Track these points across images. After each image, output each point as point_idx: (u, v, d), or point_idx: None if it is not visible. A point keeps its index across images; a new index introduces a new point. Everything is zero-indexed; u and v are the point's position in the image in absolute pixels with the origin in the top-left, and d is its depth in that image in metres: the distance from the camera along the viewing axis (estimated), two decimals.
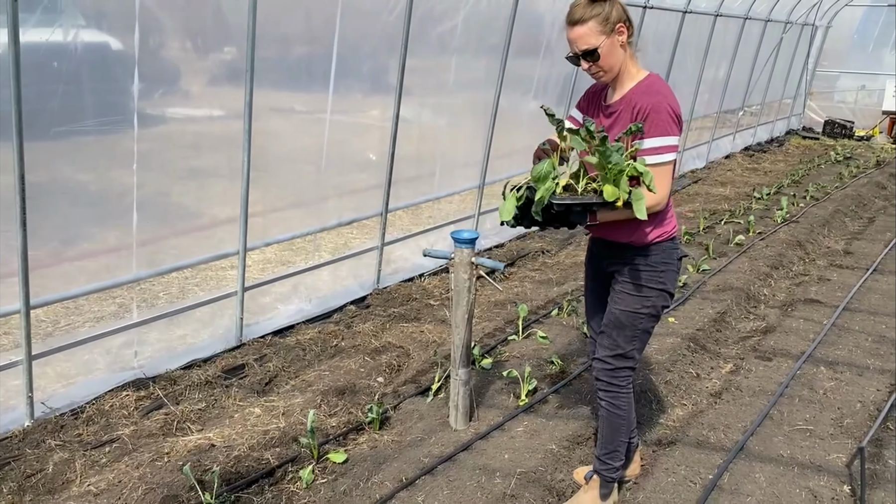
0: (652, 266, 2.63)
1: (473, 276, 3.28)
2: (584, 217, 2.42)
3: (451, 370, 3.40)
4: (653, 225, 2.59)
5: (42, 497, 2.94)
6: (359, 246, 5.54)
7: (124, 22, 3.49)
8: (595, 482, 2.89)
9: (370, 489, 2.95)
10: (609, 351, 2.72)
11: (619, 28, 2.48)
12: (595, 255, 2.87)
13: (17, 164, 2.96)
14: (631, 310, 2.65)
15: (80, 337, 3.64)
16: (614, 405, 2.77)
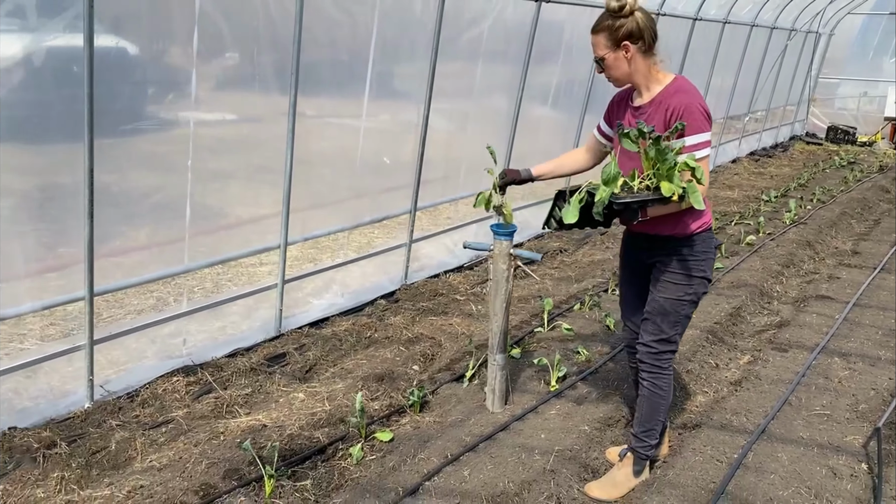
0: (694, 255, 2.82)
1: (511, 266, 3.47)
2: (636, 214, 2.62)
3: (489, 355, 3.58)
4: (693, 216, 2.78)
5: (108, 472, 3.12)
6: (381, 245, 5.72)
7: (139, 28, 3.64)
8: (629, 459, 3.07)
9: (417, 464, 3.14)
10: (654, 336, 2.91)
11: (623, 45, 2.70)
12: (634, 250, 3.04)
13: (87, 159, 3.15)
14: (675, 297, 2.83)
15: (137, 324, 3.82)
16: (657, 385, 2.96)
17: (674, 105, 2.68)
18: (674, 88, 2.75)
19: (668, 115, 2.69)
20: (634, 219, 2.64)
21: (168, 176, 4.17)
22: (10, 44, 3.17)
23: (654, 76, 2.79)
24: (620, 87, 2.95)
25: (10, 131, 3.13)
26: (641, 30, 2.70)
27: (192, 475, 2.98)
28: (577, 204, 2.67)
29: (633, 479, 3.07)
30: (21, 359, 3.47)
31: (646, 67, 2.77)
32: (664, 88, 2.77)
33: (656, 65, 2.80)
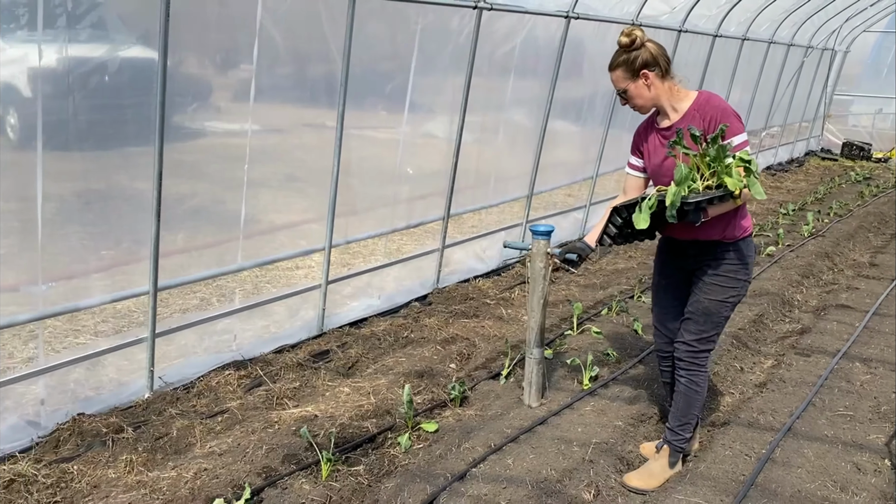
0: (739, 259, 3.01)
1: (549, 265, 3.66)
2: (699, 215, 2.76)
3: (527, 350, 3.78)
4: (738, 222, 2.99)
5: (171, 456, 3.32)
6: (409, 251, 5.92)
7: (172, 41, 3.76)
8: (665, 451, 3.25)
9: (462, 453, 3.32)
10: (695, 335, 3.09)
11: (642, 74, 2.92)
12: (676, 258, 3.19)
13: (157, 162, 3.37)
14: (720, 299, 3.02)
15: (193, 319, 4.04)
16: (694, 382, 3.14)
17: (710, 113, 2.89)
18: (704, 100, 2.96)
19: (706, 122, 2.88)
20: (698, 220, 2.77)
21: (199, 183, 4.34)
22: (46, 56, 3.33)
23: (677, 96, 3.00)
24: (646, 114, 3.14)
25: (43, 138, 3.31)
26: (655, 57, 2.93)
27: (252, 459, 3.17)
28: (648, 210, 2.78)
29: (669, 470, 3.24)
30: (81, 352, 3.69)
31: (667, 90, 2.98)
32: (693, 103, 2.97)
33: (676, 85, 3.01)
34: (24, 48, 3.27)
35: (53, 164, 3.54)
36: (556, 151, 6.56)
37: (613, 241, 3.05)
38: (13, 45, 3.27)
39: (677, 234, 3.10)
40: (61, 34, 3.28)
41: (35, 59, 3.29)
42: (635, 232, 2.96)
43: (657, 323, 3.37)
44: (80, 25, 3.37)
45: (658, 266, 3.34)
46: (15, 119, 3.58)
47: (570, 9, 5.72)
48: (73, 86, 3.42)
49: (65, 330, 4.42)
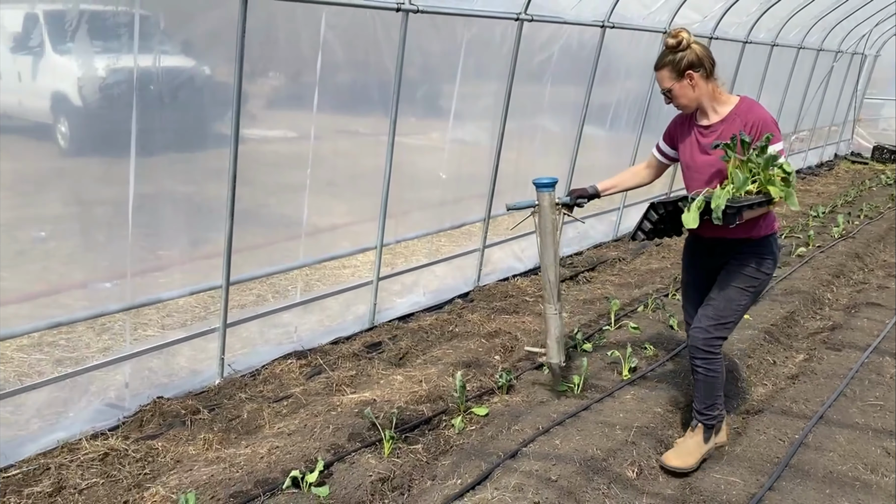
0: (763, 255, 3.19)
1: (557, 217, 3.70)
2: (734, 218, 2.90)
3: (545, 306, 3.82)
4: (765, 223, 3.17)
5: (243, 436, 3.61)
6: (448, 252, 6.17)
7: (203, 49, 3.91)
8: (699, 429, 3.42)
9: (512, 434, 3.57)
10: (712, 320, 3.23)
11: (688, 74, 3.07)
12: (703, 256, 3.38)
13: (232, 164, 3.68)
14: (742, 286, 3.20)
15: (259, 311, 4.34)
16: (710, 369, 3.29)
17: (752, 120, 3.05)
18: (746, 106, 3.13)
19: (746, 128, 3.04)
20: (734, 222, 2.91)
21: (243, 188, 4.48)
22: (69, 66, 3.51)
23: (719, 98, 3.16)
24: (689, 112, 3.27)
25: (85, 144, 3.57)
26: (701, 58, 3.07)
27: (320, 437, 3.45)
28: (697, 210, 2.92)
29: (704, 445, 3.41)
30: (153, 342, 3.99)
31: (710, 91, 3.13)
32: (735, 107, 3.13)
33: (720, 88, 3.16)
34: (73, 60, 3.47)
35: (108, 169, 3.79)
36: (589, 155, 6.78)
37: (647, 237, 3.25)
38: (64, 56, 3.49)
39: (704, 233, 3.22)
40: (120, 47, 3.48)
41: (84, 71, 3.49)
42: (668, 228, 3.16)
43: (688, 318, 3.56)
44: (142, 40, 3.56)
45: (685, 264, 3.53)
46: (66, 127, 3.88)
47: (606, 18, 5.96)
48: (128, 96, 3.58)
49: (133, 324, 4.72)
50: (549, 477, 3.15)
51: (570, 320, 5.25)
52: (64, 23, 3.28)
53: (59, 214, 3.76)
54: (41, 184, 3.67)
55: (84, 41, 3.38)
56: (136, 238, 3.94)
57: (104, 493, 3.10)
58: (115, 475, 3.21)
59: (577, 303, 5.69)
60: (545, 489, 3.05)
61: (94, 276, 3.81)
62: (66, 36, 3.34)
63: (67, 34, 3.32)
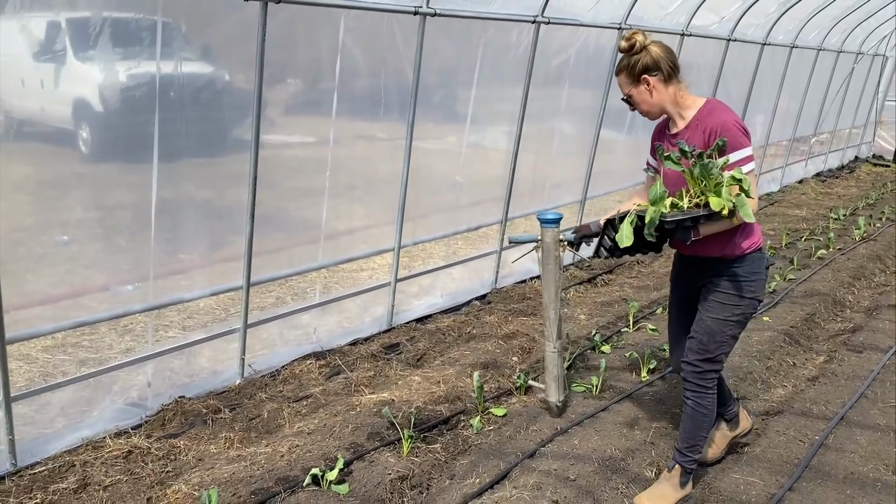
0: (743, 276, 2.88)
1: (560, 253, 3.54)
2: (688, 233, 2.70)
3: (546, 344, 3.67)
4: (743, 237, 2.85)
5: (264, 435, 3.65)
6: (464, 255, 6.19)
7: (223, 54, 3.96)
8: (676, 471, 3.10)
9: (530, 434, 3.58)
10: (698, 355, 2.97)
11: (643, 79, 2.83)
12: (684, 273, 3.12)
13: (252, 168, 3.73)
14: (722, 318, 2.90)
15: (279, 312, 4.38)
16: (700, 404, 3.01)
17: (710, 125, 2.78)
18: (707, 110, 2.85)
19: (706, 135, 2.78)
20: (687, 238, 2.72)
21: (261, 192, 4.50)
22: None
23: (683, 102, 2.89)
24: (655, 120, 3.05)
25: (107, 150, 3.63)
26: (657, 61, 2.82)
27: (339, 436, 3.48)
28: (630, 226, 2.71)
29: (680, 490, 3.11)
30: (175, 343, 4.04)
31: (671, 95, 2.87)
32: (698, 112, 2.87)
33: (682, 91, 2.90)
34: (95, 66, 3.52)
35: (129, 174, 3.84)
36: (607, 159, 6.79)
37: (611, 254, 2.98)
38: (86, 63, 3.54)
39: (682, 250, 3.06)
40: (141, 53, 3.53)
41: (102, 78, 3.56)
42: (637, 245, 2.80)
43: (671, 338, 3.29)
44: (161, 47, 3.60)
45: (671, 282, 3.27)
46: (87, 133, 3.94)
47: (623, 21, 5.97)
48: (149, 102, 3.61)
49: (154, 325, 4.78)
50: (567, 476, 3.16)
51: (588, 322, 5.26)
52: (86, 30, 3.32)
53: (81, 219, 3.81)
54: (63, 189, 3.72)
55: (105, 48, 3.42)
56: (157, 242, 3.99)
57: (128, 490, 3.15)
58: (138, 472, 3.26)
59: (595, 305, 5.69)
60: (564, 488, 3.06)
61: (117, 278, 3.87)
62: (87, 43, 3.37)
63: (89, 41, 3.35)
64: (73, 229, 3.70)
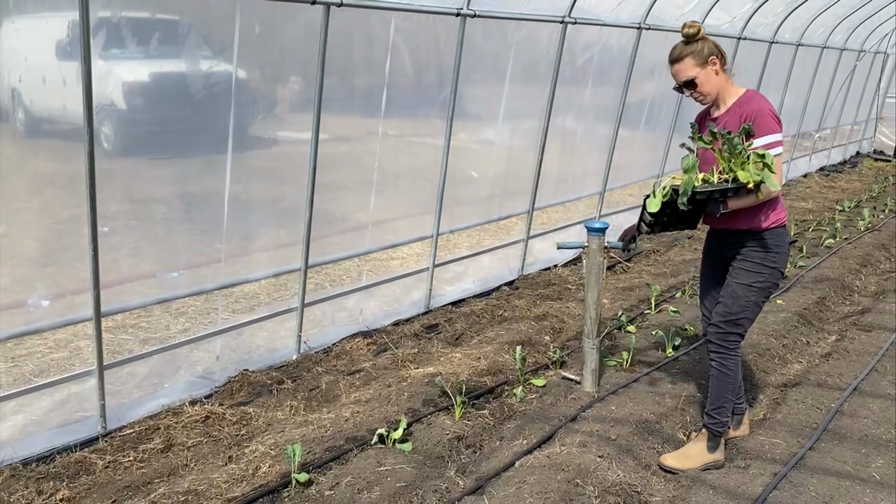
0: (767, 248, 3.15)
1: (605, 259, 3.92)
2: (718, 206, 2.99)
3: (585, 340, 4.01)
4: (768, 213, 3.13)
5: (324, 403, 3.96)
6: (488, 244, 6.49)
7: (242, 53, 3.97)
8: (703, 435, 3.38)
9: (570, 402, 3.89)
10: (722, 317, 3.23)
11: (711, 59, 3.11)
12: (715, 245, 3.39)
13: (312, 159, 4.05)
14: (746, 283, 3.17)
15: (331, 294, 4.71)
16: (724, 365, 3.27)
17: (747, 111, 3.09)
18: (746, 98, 3.16)
19: (742, 119, 3.06)
20: (717, 211, 3.00)
21: (285, 186, 4.71)
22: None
23: (730, 89, 3.20)
24: (708, 104, 3.28)
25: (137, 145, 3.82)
26: (718, 47, 3.15)
27: (396, 403, 3.79)
28: (661, 196, 2.97)
29: (707, 454, 3.35)
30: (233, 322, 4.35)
31: (726, 81, 3.18)
32: (738, 99, 3.17)
33: (730, 79, 3.21)
34: (116, 65, 3.65)
35: (154, 170, 4.03)
36: (625, 153, 7.10)
37: (651, 230, 3.22)
38: (108, 62, 3.60)
39: (714, 224, 3.30)
40: (163, 52, 3.70)
41: (127, 76, 3.70)
42: (673, 221, 3.08)
43: (703, 308, 3.55)
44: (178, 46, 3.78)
45: (703, 254, 3.54)
46: (109, 130, 3.93)
47: (642, 20, 6.28)
48: (170, 100, 3.83)
49: (204, 309, 5.10)
50: (608, 436, 3.48)
51: (613, 305, 5.57)
52: (107, 30, 3.41)
53: (116, 212, 4.06)
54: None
55: (127, 47, 3.58)
56: (192, 233, 4.22)
57: (209, 450, 3.47)
58: (216, 435, 3.58)
59: (617, 290, 6.01)
60: (606, 446, 3.38)
61: (161, 266, 4.08)
62: (109, 42, 3.47)
63: (111, 41, 3.46)
64: (111, 221, 3.81)
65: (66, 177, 3.70)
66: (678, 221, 3.16)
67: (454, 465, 3.32)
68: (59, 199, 3.75)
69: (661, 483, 3.27)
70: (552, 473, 3.12)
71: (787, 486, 3.21)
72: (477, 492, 3.09)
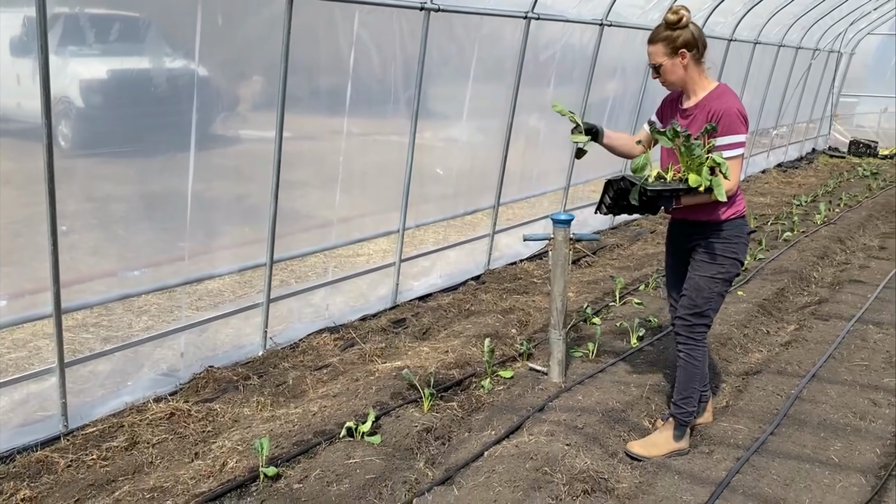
0: (726, 239, 3.20)
1: (570, 251, 3.99)
2: (670, 202, 3.06)
3: (552, 332, 4.05)
4: (726, 205, 3.15)
5: (292, 399, 3.93)
6: (454, 240, 6.52)
7: (201, 51, 3.89)
8: (670, 423, 3.45)
9: (537, 393, 3.93)
10: (689, 310, 3.29)
11: (681, 52, 3.09)
12: (676, 236, 3.44)
13: (277, 153, 4.01)
14: (709, 275, 3.23)
15: (295, 290, 4.66)
16: (691, 356, 3.34)
17: (715, 108, 3.08)
18: (716, 94, 3.15)
19: (709, 116, 3.08)
20: (669, 206, 3.10)
21: (248, 184, 4.64)
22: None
23: (701, 82, 3.18)
24: (672, 90, 3.31)
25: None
26: (696, 39, 3.10)
27: (364, 397, 3.79)
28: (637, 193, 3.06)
29: (673, 442, 3.41)
30: (200, 318, 4.30)
31: (697, 73, 3.16)
32: (708, 93, 3.16)
33: (704, 72, 3.20)
34: (72, 62, 3.53)
35: (114, 168, 3.94)
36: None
37: (610, 211, 3.28)
38: (63, 59, 3.48)
39: (674, 215, 3.37)
40: (121, 49, 3.61)
41: (83, 73, 3.60)
42: (630, 205, 3.14)
43: (670, 299, 3.60)
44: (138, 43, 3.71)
45: (666, 244, 3.59)
46: (66, 128, 3.83)
47: (604, 17, 6.35)
48: (128, 98, 3.73)
49: (167, 307, 5.03)
50: (575, 425, 3.51)
51: (578, 298, 5.63)
52: (64, 25, 3.31)
53: (75, 210, 3.98)
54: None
55: (83, 44, 3.49)
56: (154, 231, 4.14)
57: (174, 446, 3.42)
58: (181, 432, 3.53)
59: (583, 283, 6.07)
60: (573, 435, 3.42)
61: (122, 265, 4.01)
62: (65, 39, 3.37)
63: (66, 37, 3.36)
64: (70, 220, 3.76)
65: (21, 176, 3.63)
66: (638, 207, 3.21)
67: (423, 457, 3.32)
68: (15, 198, 3.67)
69: (627, 470, 3.31)
70: (521, 462, 3.14)
71: (749, 471, 3.28)
72: (447, 482, 3.10)
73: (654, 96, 7.27)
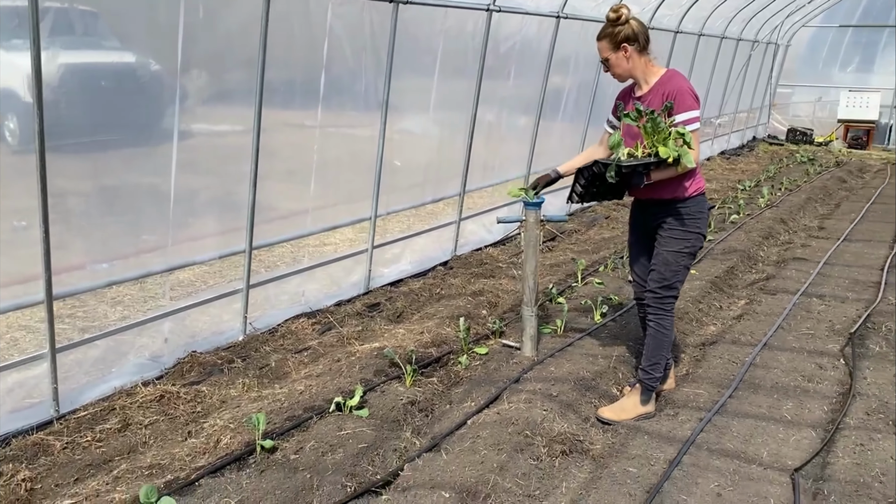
0: (690, 214, 3.45)
1: (541, 232, 4.22)
2: (642, 178, 3.28)
3: (525, 309, 4.20)
4: (688, 182, 3.42)
5: (276, 380, 4.06)
6: (418, 228, 6.70)
7: (157, 46, 3.98)
8: (637, 389, 3.68)
9: (511, 367, 4.14)
10: (658, 283, 3.53)
11: (623, 47, 3.38)
12: (640, 214, 3.65)
13: (255, 139, 4.11)
14: (675, 250, 3.47)
15: (273, 276, 4.77)
16: (661, 325, 3.58)
17: (668, 89, 3.36)
18: (667, 77, 3.43)
19: (664, 97, 3.33)
20: (641, 182, 3.29)
21: (206, 178, 4.66)
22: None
23: (650, 70, 3.46)
24: (623, 82, 3.58)
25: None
26: (636, 34, 3.38)
27: (348, 375, 3.94)
28: (612, 170, 3.27)
29: (640, 406, 3.64)
30: (176, 306, 4.38)
31: (643, 64, 3.43)
32: (659, 79, 3.44)
33: (651, 62, 3.48)
34: (19, 56, 3.38)
35: (70, 163, 3.87)
36: (545, 141, 7.42)
37: (581, 199, 3.53)
38: (10, 53, 3.40)
39: (640, 195, 3.58)
40: (69, 43, 3.56)
41: (32, 68, 3.38)
42: (602, 191, 3.42)
43: (632, 274, 3.85)
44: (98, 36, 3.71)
45: (630, 225, 3.81)
46: (14, 124, 3.73)
47: (560, 9, 6.60)
48: (76, 91, 3.70)
49: (140, 297, 5.09)
50: (550, 393, 3.74)
51: (543, 280, 5.86)
52: (10, 19, 3.27)
53: (30, 206, 4.01)
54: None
55: (31, 38, 3.37)
56: (119, 225, 4.15)
57: (166, 427, 3.52)
58: (172, 413, 3.64)
59: (546, 267, 6.31)
60: (549, 402, 3.64)
61: (90, 258, 4.01)
62: (11, 32, 3.31)
63: (13, 30, 3.30)
64: (28, 215, 3.68)
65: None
66: (607, 192, 3.49)
67: (409, 428, 3.50)
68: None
69: (599, 433, 3.55)
70: (503, 428, 3.35)
71: (712, 429, 3.56)
72: (434, 449, 3.29)
73: (606, 89, 7.58)
